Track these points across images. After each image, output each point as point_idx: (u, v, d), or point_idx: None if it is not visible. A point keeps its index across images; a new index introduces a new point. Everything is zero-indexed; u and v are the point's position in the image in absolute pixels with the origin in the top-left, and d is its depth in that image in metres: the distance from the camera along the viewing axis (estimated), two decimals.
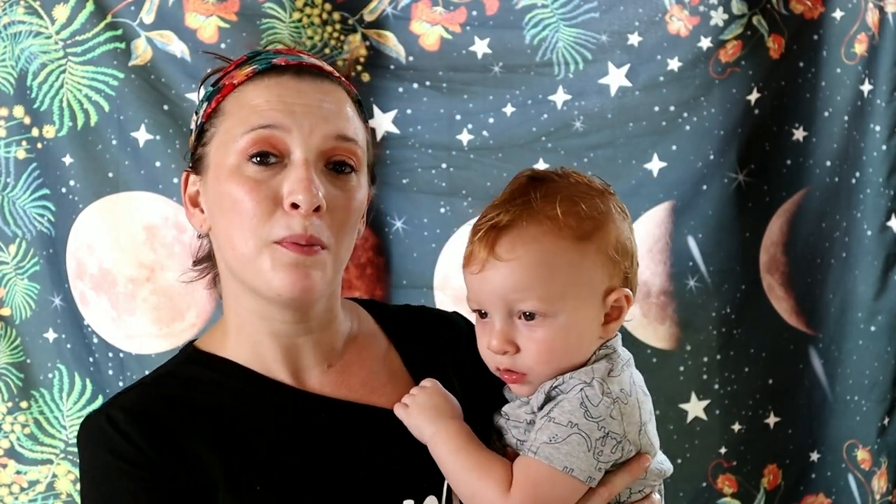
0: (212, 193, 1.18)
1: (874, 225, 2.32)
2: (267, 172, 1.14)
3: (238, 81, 1.17)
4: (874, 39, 2.27)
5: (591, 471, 1.09)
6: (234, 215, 1.14)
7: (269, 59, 1.19)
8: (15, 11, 2.14)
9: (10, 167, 2.20)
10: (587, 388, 1.11)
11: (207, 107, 1.19)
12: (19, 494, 2.26)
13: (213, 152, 1.17)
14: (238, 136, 1.14)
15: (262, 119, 1.14)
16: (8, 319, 2.24)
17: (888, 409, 2.39)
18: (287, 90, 1.16)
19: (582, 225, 1.14)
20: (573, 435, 1.09)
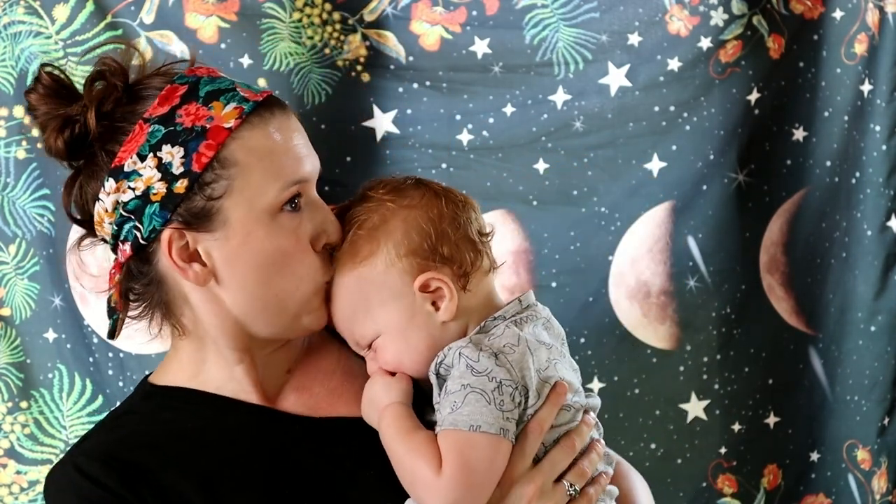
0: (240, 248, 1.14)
1: (874, 225, 2.32)
2: (298, 218, 1.17)
3: (233, 125, 1.12)
4: (874, 39, 2.27)
5: (499, 422, 1.11)
6: (282, 266, 1.15)
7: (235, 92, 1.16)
8: (15, 11, 2.14)
9: (10, 167, 2.20)
10: (464, 350, 1.14)
11: (195, 155, 1.12)
12: (19, 494, 2.26)
13: (233, 207, 1.13)
14: (273, 192, 1.14)
15: (296, 173, 1.16)
16: (8, 319, 2.24)
17: (888, 409, 2.39)
18: (290, 132, 1.18)
19: (357, 250, 1.19)
20: (469, 394, 1.11)
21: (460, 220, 1.21)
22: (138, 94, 1.18)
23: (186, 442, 1.16)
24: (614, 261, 2.32)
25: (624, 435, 2.33)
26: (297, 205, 1.16)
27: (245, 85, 1.19)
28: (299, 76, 2.21)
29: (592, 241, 2.31)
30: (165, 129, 1.13)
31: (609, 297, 2.32)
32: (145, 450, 1.14)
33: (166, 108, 1.14)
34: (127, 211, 1.14)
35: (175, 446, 1.15)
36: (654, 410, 2.36)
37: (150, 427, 1.18)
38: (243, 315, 1.18)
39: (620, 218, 2.32)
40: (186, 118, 1.13)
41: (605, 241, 2.32)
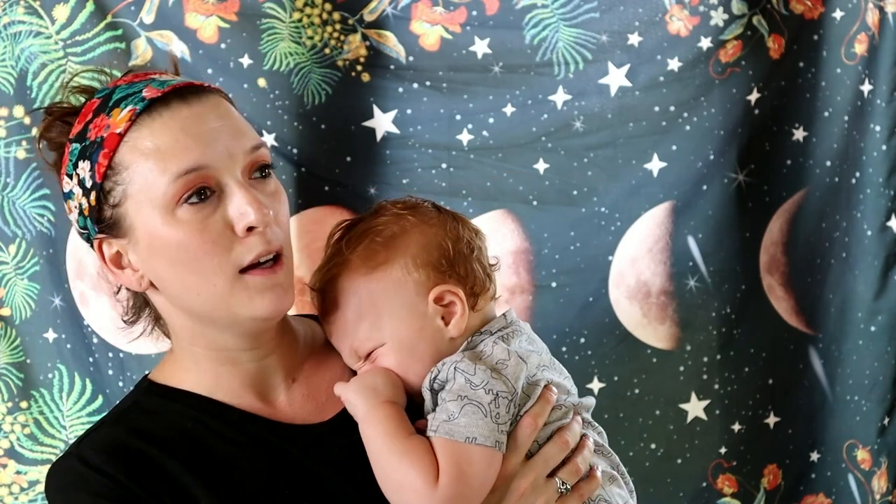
0: (149, 249, 1.13)
1: (874, 225, 2.32)
2: (206, 209, 1.11)
3: (123, 129, 1.11)
4: (874, 39, 2.27)
5: (495, 435, 1.12)
6: (188, 263, 1.11)
7: (138, 94, 1.13)
8: (15, 11, 2.14)
9: (10, 167, 2.20)
10: (459, 364, 1.14)
11: (97, 166, 1.12)
12: (19, 494, 2.26)
13: (133, 211, 1.12)
14: (162, 187, 1.10)
15: (183, 163, 1.10)
16: (8, 319, 2.24)
17: (888, 409, 2.39)
18: (187, 121, 1.12)
19: (372, 256, 1.18)
20: (466, 406, 1.12)
21: (475, 245, 1.22)
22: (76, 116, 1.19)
23: (188, 440, 1.15)
24: (614, 261, 2.32)
25: (624, 435, 2.33)
26: (204, 195, 1.11)
27: (159, 83, 1.15)
28: (299, 76, 2.21)
29: (592, 241, 2.31)
30: (81, 145, 1.15)
31: (609, 297, 2.32)
32: (150, 442, 1.14)
33: (82, 124, 1.16)
34: (81, 228, 1.18)
35: (178, 442, 1.15)
36: (654, 410, 2.36)
37: (153, 422, 1.17)
38: (187, 315, 1.17)
39: (620, 218, 2.32)
40: (93, 131, 1.14)
41: (605, 241, 2.32)
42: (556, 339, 2.26)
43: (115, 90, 1.15)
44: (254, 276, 1.12)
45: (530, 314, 2.30)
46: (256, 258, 1.12)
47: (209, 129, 1.12)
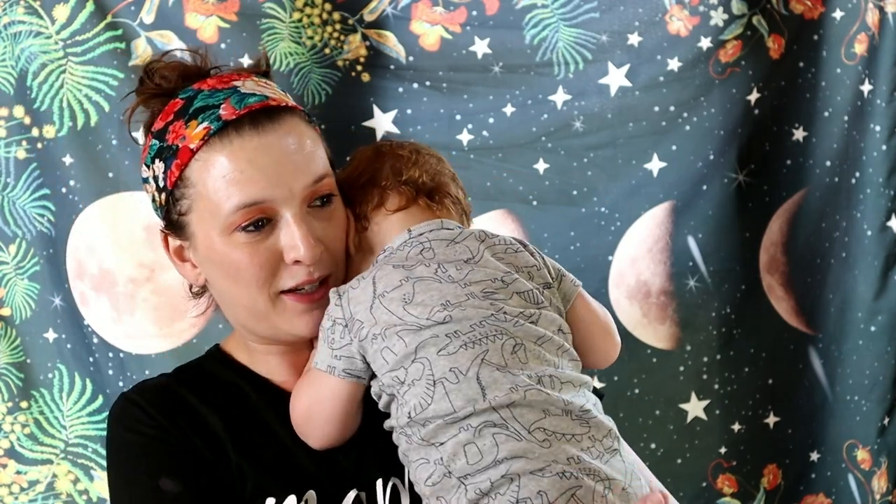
0: (206, 258, 1.22)
1: (874, 225, 2.32)
2: (260, 236, 1.18)
3: (196, 147, 1.17)
4: (874, 39, 2.27)
5: (328, 360, 1.17)
6: (237, 279, 1.20)
7: (216, 110, 1.18)
8: (15, 11, 2.14)
9: (10, 167, 2.20)
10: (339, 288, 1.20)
11: (169, 172, 1.20)
12: (19, 494, 2.26)
13: (196, 222, 1.21)
14: (224, 212, 1.17)
15: (245, 196, 1.16)
16: (8, 319, 2.24)
17: (888, 409, 2.39)
18: (255, 152, 1.17)
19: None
20: (321, 333, 1.19)
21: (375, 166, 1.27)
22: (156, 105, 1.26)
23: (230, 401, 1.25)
24: (614, 261, 2.32)
25: (624, 435, 2.32)
26: (261, 224, 1.18)
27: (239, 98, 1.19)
28: (299, 76, 2.21)
29: (592, 241, 2.31)
30: (159, 143, 1.21)
31: (609, 297, 2.32)
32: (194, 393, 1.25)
33: (162, 123, 1.21)
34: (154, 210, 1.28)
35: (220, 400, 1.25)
36: (654, 410, 2.36)
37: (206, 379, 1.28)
38: (235, 319, 1.28)
39: (620, 218, 2.32)
40: (171, 135, 1.20)
41: (605, 241, 2.32)
42: None
43: (199, 96, 1.20)
44: (292, 299, 1.20)
45: None
46: (298, 285, 1.20)
47: (275, 163, 1.17)
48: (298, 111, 1.23)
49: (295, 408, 1.21)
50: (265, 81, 1.24)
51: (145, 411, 1.22)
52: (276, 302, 1.20)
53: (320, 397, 1.19)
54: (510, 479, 1.04)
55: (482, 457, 1.06)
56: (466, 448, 1.07)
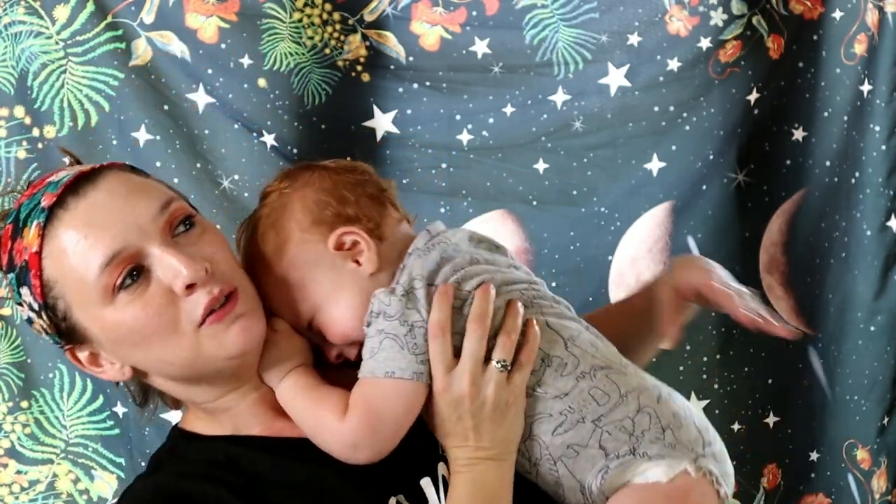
0: (110, 341, 1.15)
1: (874, 225, 2.32)
2: (140, 285, 1.12)
3: (38, 247, 1.13)
4: (874, 40, 2.27)
5: (413, 366, 1.13)
6: (148, 340, 1.13)
7: (38, 206, 1.14)
8: (15, 11, 2.14)
9: (11, 167, 2.20)
10: (379, 294, 1.16)
11: (33, 288, 1.14)
12: (20, 494, 2.26)
13: (80, 316, 1.15)
14: (91, 284, 1.11)
15: (99, 255, 1.11)
16: (8, 319, 2.24)
17: (888, 409, 2.39)
18: (87, 213, 1.13)
19: (268, 242, 1.21)
20: (384, 340, 1.14)
21: (355, 182, 1.23)
22: None
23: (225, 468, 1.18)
24: (614, 261, 2.32)
25: None
26: (136, 274, 1.12)
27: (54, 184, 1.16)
28: (299, 76, 2.21)
29: (592, 241, 2.31)
30: (14, 274, 1.17)
31: (609, 297, 2.32)
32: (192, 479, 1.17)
33: (6, 254, 1.17)
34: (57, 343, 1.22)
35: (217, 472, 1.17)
36: None
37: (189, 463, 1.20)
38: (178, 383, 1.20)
39: (620, 218, 2.32)
40: (17, 257, 1.15)
41: (605, 241, 2.32)
42: None
43: (21, 208, 1.17)
44: (211, 323, 1.13)
45: None
46: (208, 307, 1.13)
47: (110, 213, 1.13)
48: (116, 165, 1.19)
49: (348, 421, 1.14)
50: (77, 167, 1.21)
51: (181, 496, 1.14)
52: (199, 336, 1.13)
53: (402, 406, 1.14)
54: (646, 413, 1.15)
55: (609, 396, 1.16)
56: (593, 392, 1.16)
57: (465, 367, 1.15)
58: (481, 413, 1.14)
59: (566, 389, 1.16)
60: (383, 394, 1.14)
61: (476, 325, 1.15)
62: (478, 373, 1.15)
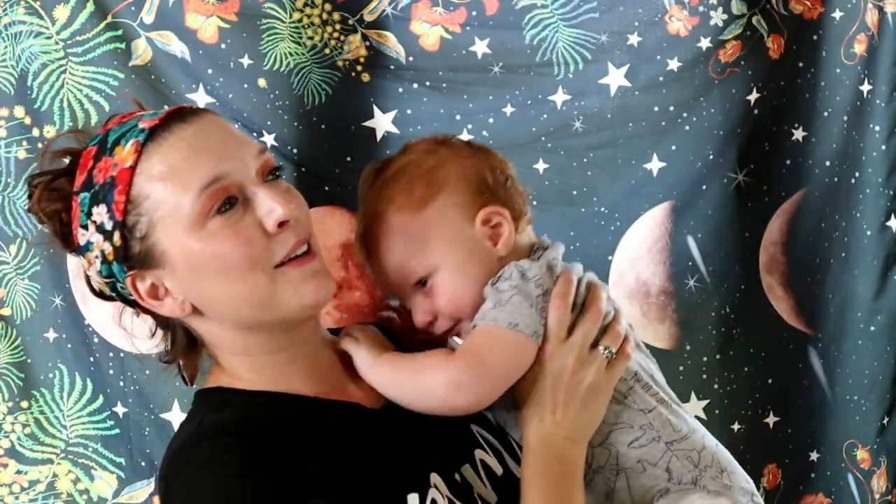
0: (188, 269, 1.14)
1: (874, 225, 2.32)
2: (235, 215, 1.13)
3: (132, 163, 1.13)
4: (874, 40, 2.27)
5: (535, 325, 1.17)
6: (229, 271, 1.13)
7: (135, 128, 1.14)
8: (15, 11, 2.14)
9: (11, 167, 2.20)
10: (518, 263, 1.21)
11: (114, 205, 1.13)
12: (20, 494, 2.26)
13: (163, 237, 1.13)
14: (188, 205, 1.11)
15: (202, 177, 1.12)
16: (8, 319, 2.24)
17: (888, 409, 2.39)
18: (193, 137, 1.14)
19: (414, 191, 1.23)
20: (515, 296, 1.18)
21: (507, 172, 1.30)
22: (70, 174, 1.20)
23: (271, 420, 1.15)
24: (614, 261, 2.33)
25: None
26: (232, 203, 1.13)
27: (151, 114, 1.18)
28: (299, 76, 2.21)
29: (592, 241, 2.31)
30: (89, 193, 1.15)
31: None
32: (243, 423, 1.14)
33: (85, 174, 1.16)
34: (106, 277, 1.18)
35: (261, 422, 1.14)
36: None
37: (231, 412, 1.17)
38: (236, 328, 1.19)
39: (620, 218, 2.32)
40: (99, 175, 1.14)
41: (605, 241, 2.32)
42: None
43: (108, 133, 1.16)
44: (292, 268, 1.15)
45: None
46: (291, 251, 1.15)
47: (216, 141, 1.15)
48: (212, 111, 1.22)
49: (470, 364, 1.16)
50: None
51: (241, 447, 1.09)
52: (276, 278, 1.14)
53: (514, 359, 1.18)
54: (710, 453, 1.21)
55: (680, 427, 1.21)
56: (668, 420, 1.21)
57: (577, 342, 1.19)
58: (576, 391, 1.18)
59: (650, 406, 1.22)
60: (500, 341, 1.17)
61: (594, 310, 1.21)
62: (585, 352, 1.19)
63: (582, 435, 1.19)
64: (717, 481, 1.20)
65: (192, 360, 1.26)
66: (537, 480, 1.16)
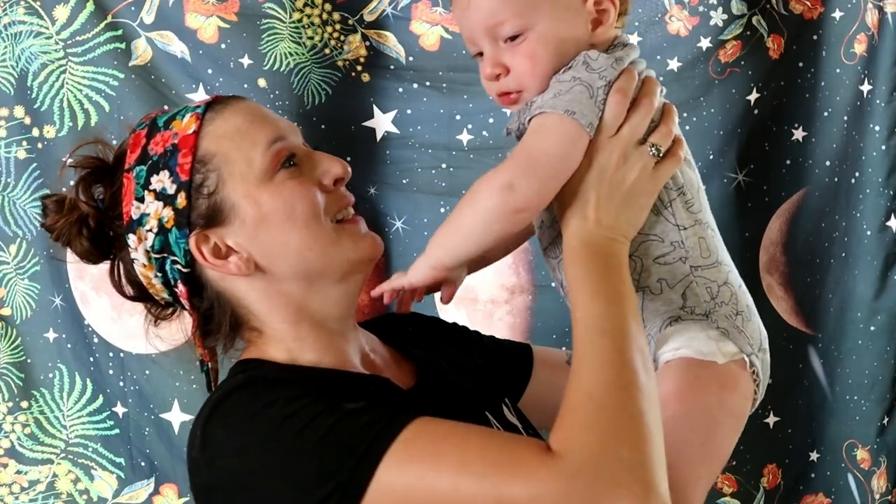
0: (256, 223, 1.19)
1: (874, 225, 2.32)
2: (297, 171, 1.21)
3: (195, 128, 1.19)
4: (873, 40, 2.27)
5: (591, 116, 1.13)
6: (297, 220, 1.19)
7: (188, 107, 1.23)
8: (15, 11, 2.14)
9: (11, 167, 2.20)
10: (588, 52, 1.17)
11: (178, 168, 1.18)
12: (20, 494, 2.26)
13: (233, 191, 1.19)
14: (258, 158, 1.19)
15: (267, 135, 1.21)
16: (8, 319, 2.24)
17: (888, 409, 2.39)
18: (248, 108, 1.24)
19: None
20: (576, 86, 1.14)
21: None
22: (117, 159, 1.25)
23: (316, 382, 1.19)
24: None
25: None
26: (293, 162, 1.21)
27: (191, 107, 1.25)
28: (299, 76, 2.21)
29: None
30: (146, 165, 1.20)
31: None
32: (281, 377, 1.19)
33: (138, 150, 1.21)
34: (157, 252, 1.21)
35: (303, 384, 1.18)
36: None
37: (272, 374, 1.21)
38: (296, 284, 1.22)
39: None
40: (156, 147, 1.20)
41: None
42: (555, 339, 2.26)
43: (157, 117, 1.23)
44: (350, 225, 1.23)
45: (530, 314, 2.30)
46: (346, 206, 1.24)
47: (266, 113, 1.25)
48: None
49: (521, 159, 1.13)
50: None
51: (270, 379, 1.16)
52: (339, 230, 1.21)
53: (566, 147, 1.13)
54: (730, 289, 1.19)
55: (710, 253, 1.19)
56: (700, 241, 1.18)
57: (623, 136, 1.15)
58: (619, 188, 1.15)
59: (687, 224, 1.19)
60: (554, 129, 1.12)
61: (647, 101, 1.17)
62: (630, 147, 1.15)
63: (623, 234, 1.15)
64: (730, 321, 1.17)
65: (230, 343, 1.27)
66: (585, 278, 1.12)
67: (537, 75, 1.17)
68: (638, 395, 1.01)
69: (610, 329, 1.07)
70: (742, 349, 1.17)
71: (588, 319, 1.08)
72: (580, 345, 1.07)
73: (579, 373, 1.04)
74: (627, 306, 1.09)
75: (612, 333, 1.06)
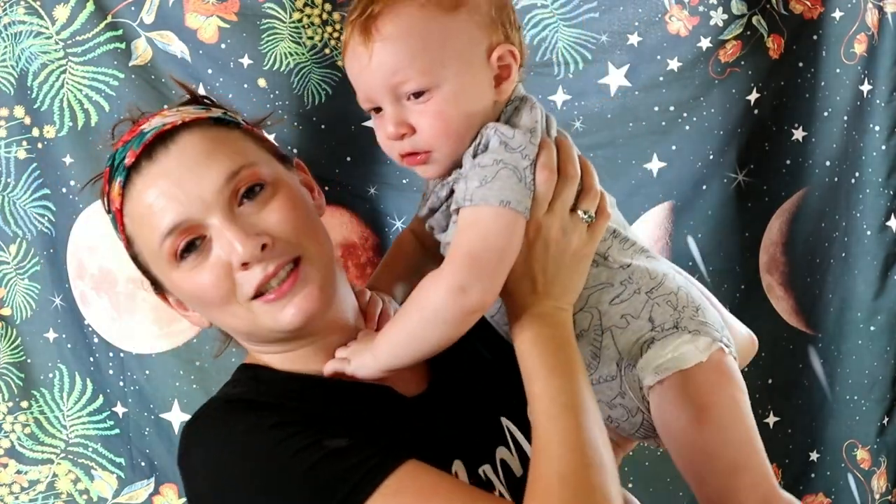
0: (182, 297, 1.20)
1: (874, 225, 2.32)
2: (201, 255, 1.14)
3: (119, 205, 1.18)
4: (873, 40, 2.27)
5: (525, 201, 1.11)
6: (208, 304, 1.17)
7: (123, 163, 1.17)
8: (15, 11, 2.14)
9: (11, 167, 2.20)
10: (500, 127, 1.13)
11: (122, 238, 1.21)
12: (20, 494, 2.26)
13: (156, 272, 1.19)
14: (159, 252, 1.15)
15: (163, 225, 1.14)
16: (8, 319, 2.24)
17: (888, 409, 2.39)
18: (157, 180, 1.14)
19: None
20: (501, 170, 1.10)
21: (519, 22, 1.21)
22: None
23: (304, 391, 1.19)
24: None
25: None
26: (194, 246, 1.14)
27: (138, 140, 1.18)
28: (299, 76, 2.21)
29: None
30: (110, 215, 1.22)
31: None
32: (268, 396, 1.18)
33: (105, 196, 1.22)
34: None
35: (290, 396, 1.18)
36: None
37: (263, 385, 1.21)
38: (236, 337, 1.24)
39: None
40: (110, 203, 1.21)
41: None
42: None
43: (116, 155, 1.20)
44: (261, 303, 1.14)
45: None
46: (259, 289, 1.13)
47: (176, 183, 1.14)
48: (201, 120, 1.19)
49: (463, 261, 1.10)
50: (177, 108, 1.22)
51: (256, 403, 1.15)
52: (255, 307, 1.14)
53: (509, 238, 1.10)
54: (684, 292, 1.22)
55: (656, 271, 1.21)
56: (645, 269, 1.21)
57: (557, 211, 1.14)
58: (561, 260, 1.15)
59: (627, 261, 1.20)
60: (492, 221, 1.10)
61: (571, 168, 1.16)
62: (566, 219, 1.15)
63: (569, 302, 1.16)
64: (695, 320, 1.20)
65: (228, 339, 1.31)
66: (535, 351, 1.12)
67: (449, 135, 1.14)
68: (604, 474, 1.05)
69: (572, 405, 1.08)
70: (714, 338, 1.20)
71: (550, 394, 1.09)
72: (545, 420, 1.08)
73: (548, 452, 1.06)
74: (582, 379, 1.11)
75: (575, 409, 1.08)
